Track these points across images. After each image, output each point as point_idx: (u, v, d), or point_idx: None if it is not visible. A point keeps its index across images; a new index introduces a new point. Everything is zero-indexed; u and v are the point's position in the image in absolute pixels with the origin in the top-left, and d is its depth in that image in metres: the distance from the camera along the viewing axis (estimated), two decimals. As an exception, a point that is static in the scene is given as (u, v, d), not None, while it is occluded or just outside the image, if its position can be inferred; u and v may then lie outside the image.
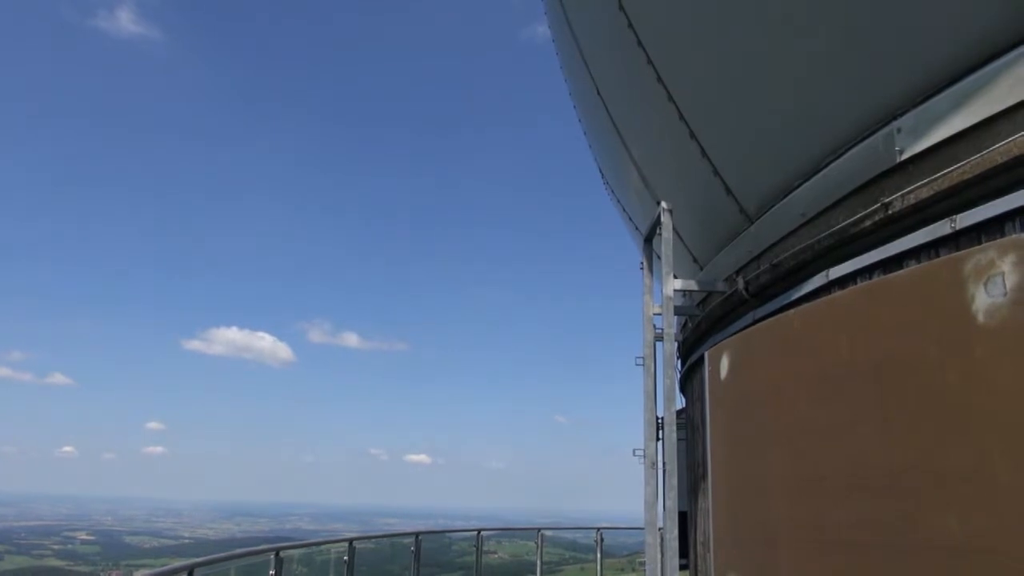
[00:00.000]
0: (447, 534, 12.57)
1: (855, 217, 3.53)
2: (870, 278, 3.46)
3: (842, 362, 2.92)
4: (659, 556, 5.29)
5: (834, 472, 2.90)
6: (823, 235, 3.79)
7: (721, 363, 3.93)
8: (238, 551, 6.34)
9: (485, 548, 11.17)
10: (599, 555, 12.82)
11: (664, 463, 5.01)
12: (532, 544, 12.61)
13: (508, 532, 14.99)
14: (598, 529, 13.03)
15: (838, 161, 3.82)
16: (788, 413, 3.27)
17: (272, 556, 6.24)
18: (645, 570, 5.21)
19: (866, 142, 3.59)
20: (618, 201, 7.91)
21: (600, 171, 8.20)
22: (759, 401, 3.56)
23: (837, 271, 3.71)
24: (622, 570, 14.53)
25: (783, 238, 4.33)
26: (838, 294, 3.49)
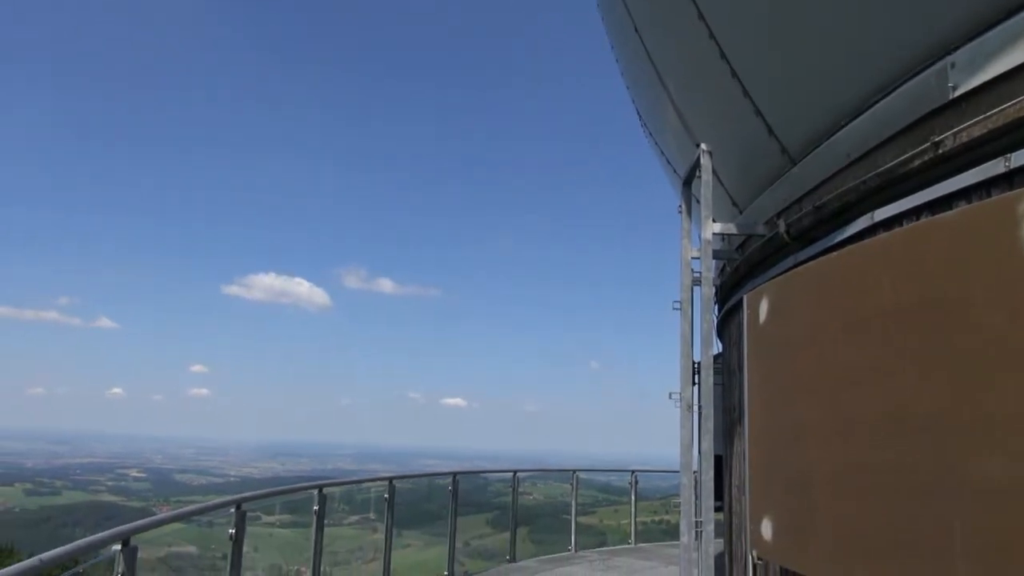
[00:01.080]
0: (483, 475, 12.81)
1: (903, 157, 3.42)
2: (917, 219, 3.37)
3: (885, 305, 2.86)
4: (693, 498, 5.34)
5: (874, 416, 2.88)
6: (869, 176, 3.68)
7: (760, 307, 3.89)
8: (284, 487, 6.56)
9: (520, 489, 11.38)
10: (633, 497, 13.00)
11: (700, 407, 5.02)
12: (566, 486, 12.80)
13: (543, 473, 15.25)
14: (632, 472, 13.18)
15: (887, 99, 3.68)
16: (828, 356, 3.23)
17: (316, 492, 6.45)
18: (680, 511, 5.27)
19: (917, 78, 3.45)
20: (656, 144, 7.77)
21: (638, 114, 8.04)
22: (798, 345, 3.53)
23: (883, 213, 3.61)
24: (655, 512, 14.73)
25: (827, 179, 4.22)
26: (883, 236, 3.41)
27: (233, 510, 4.95)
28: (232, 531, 4.91)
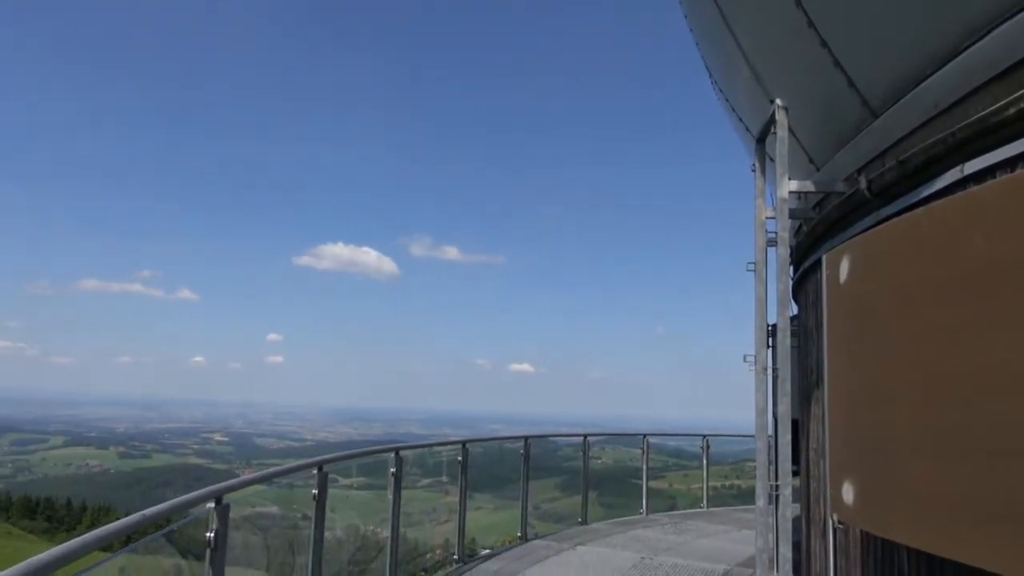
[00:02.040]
0: (553, 439, 12.90)
1: (997, 105, 3.24)
2: (1011, 171, 3.19)
3: (977, 262, 2.74)
4: (768, 462, 5.28)
5: (964, 376, 2.77)
6: (958, 127, 3.50)
7: (840, 266, 3.77)
8: (362, 450, 6.77)
9: (590, 454, 11.44)
10: (705, 462, 12.94)
11: (776, 369, 4.93)
12: (635, 451, 12.83)
13: (613, 438, 15.28)
14: (704, 436, 13.09)
15: (978, 44, 3.48)
16: (914, 316, 3.12)
17: (392, 455, 6.64)
18: (755, 475, 5.22)
19: (1012, 20, 3.25)
20: (727, 101, 7.54)
21: (707, 70, 7.81)
22: (882, 304, 3.41)
23: (973, 165, 3.44)
24: (726, 477, 14.66)
25: (912, 132, 4.03)
26: (974, 189, 3.24)
27: (315, 471, 5.14)
28: (315, 491, 5.10)
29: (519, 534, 9.41)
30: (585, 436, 11.35)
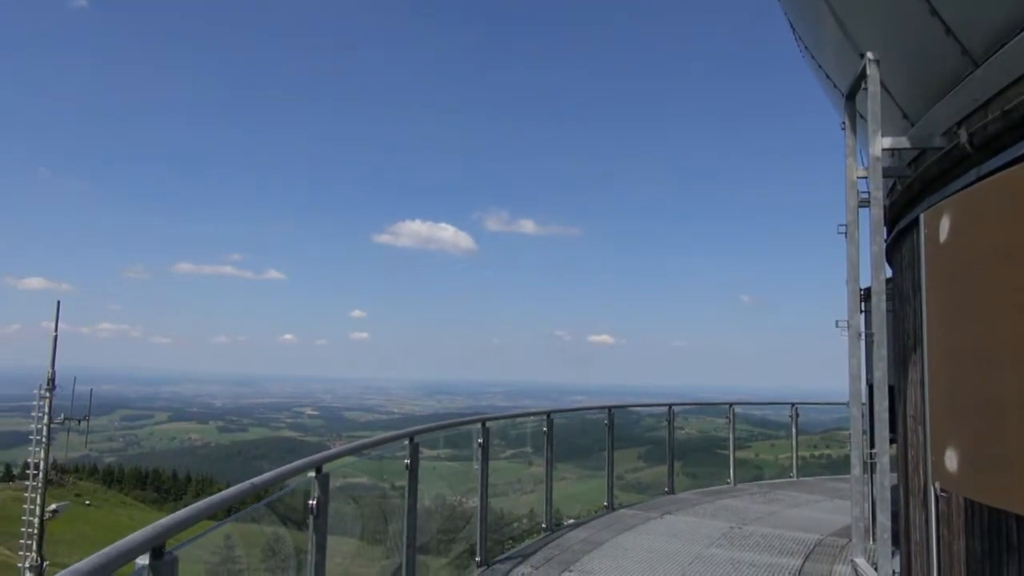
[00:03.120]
0: (635, 410, 12.84)
1: (1116, 46, 3.01)
2: None
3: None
4: (863, 430, 5.13)
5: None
6: (1071, 71, 3.27)
7: (940, 225, 3.60)
8: (451, 421, 6.93)
9: (674, 424, 11.34)
10: (794, 431, 12.66)
11: (870, 334, 4.76)
12: (720, 420, 12.66)
13: (696, 408, 15.11)
14: (792, 404, 12.80)
15: (1094, -20, 3.23)
16: (1021, 276, 2.96)
17: (479, 425, 6.77)
18: (850, 444, 5.08)
19: None
20: (813, 59, 7.24)
21: (791, 25, 7.51)
22: (986, 264, 3.25)
23: (1088, 112, 3.21)
24: (815, 446, 14.32)
25: (1017, 80, 3.79)
26: (1090, 138, 3.03)
27: (407, 442, 5.30)
28: (407, 461, 5.27)
29: (605, 503, 9.45)
30: (670, 406, 11.26)
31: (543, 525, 8.07)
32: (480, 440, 6.76)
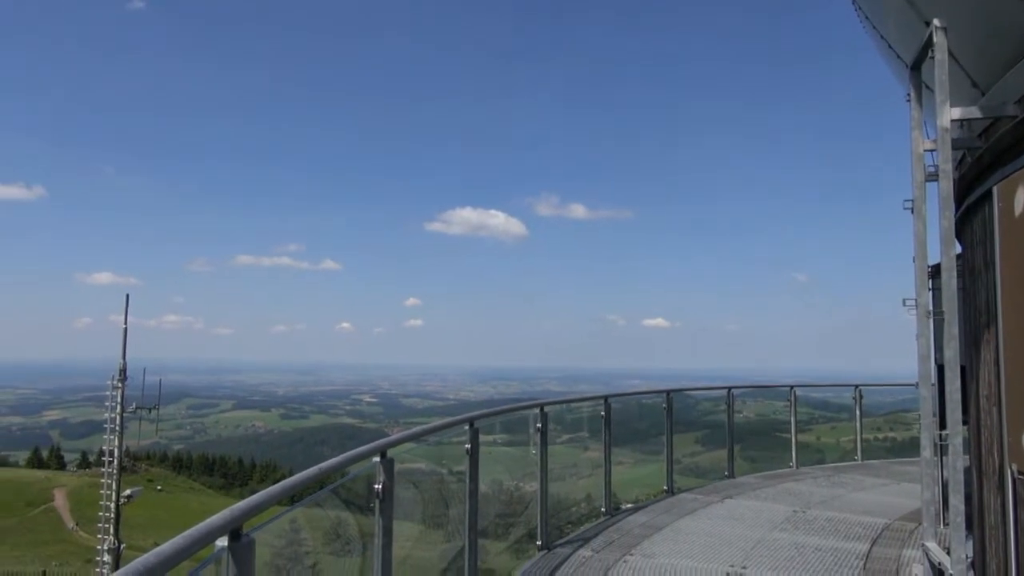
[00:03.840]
0: (691, 393, 12.68)
1: None
2: None
3: None
4: (932, 411, 4.98)
5: None
6: None
7: (1016, 197, 3.46)
8: (510, 406, 6.97)
9: (727, 408, 11.15)
10: (858, 413, 12.37)
11: (940, 313, 4.61)
12: (778, 403, 12.45)
13: (754, 391, 14.87)
14: (856, 386, 12.50)
15: None
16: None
17: (538, 410, 6.80)
18: (920, 425, 4.94)
19: None
20: (874, 28, 7.00)
21: (850, -3, 7.26)
22: (1067, 237, 3.11)
23: None
24: (879, 429, 13.98)
25: (1099, 42, 3.61)
26: None
27: (467, 427, 5.36)
28: (468, 446, 5.32)
29: (664, 488, 9.40)
30: (729, 389, 11.11)
31: (602, 509, 8.07)
32: (539, 425, 6.79)
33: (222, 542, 2.19)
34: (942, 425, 4.96)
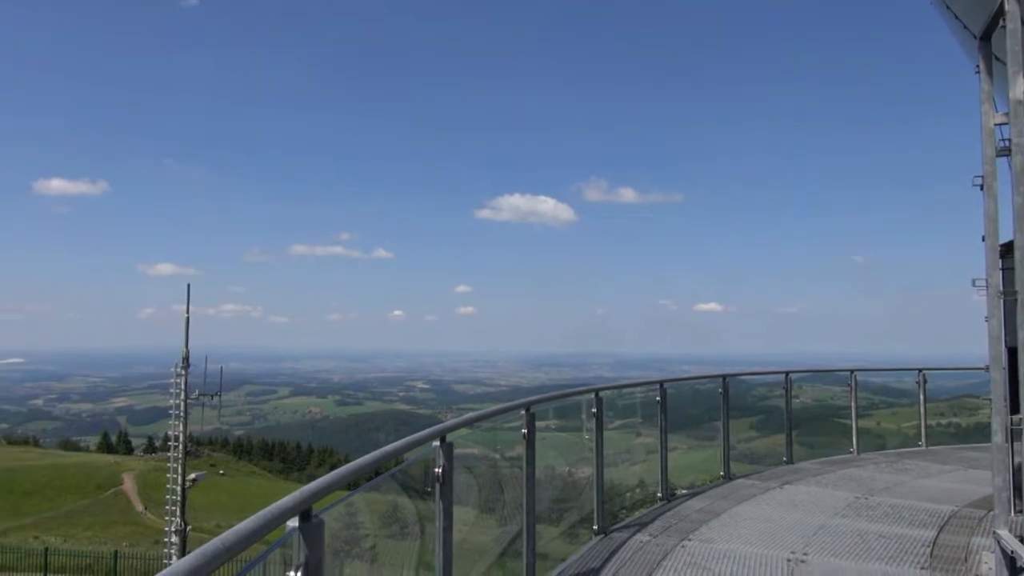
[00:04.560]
0: (745, 378, 12.46)
1: None
2: None
3: None
4: (1003, 395, 4.81)
5: None
6: None
7: (1097, 171, 3.31)
8: (565, 391, 6.98)
9: (783, 393, 10.94)
10: (922, 398, 12.03)
11: (1013, 293, 4.44)
12: (836, 388, 12.18)
13: (810, 376, 14.55)
14: (920, 370, 12.15)
15: None
16: None
17: (593, 395, 6.79)
18: (992, 410, 4.78)
19: None
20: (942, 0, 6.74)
21: (913, -34, 7.01)
22: None
23: None
24: (942, 414, 13.58)
25: None
26: None
27: (523, 412, 5.38)
28: (524, 431, 5.34)
29: (721, 473, 9.31)
30: (787, 373, 10.91)
31: (658, 495, 8.04)
32: (594, 410, 6.79)
33: (293, 523, 2.25)
34: (1014, 409, 4.80)
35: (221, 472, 65.06)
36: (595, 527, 6.68)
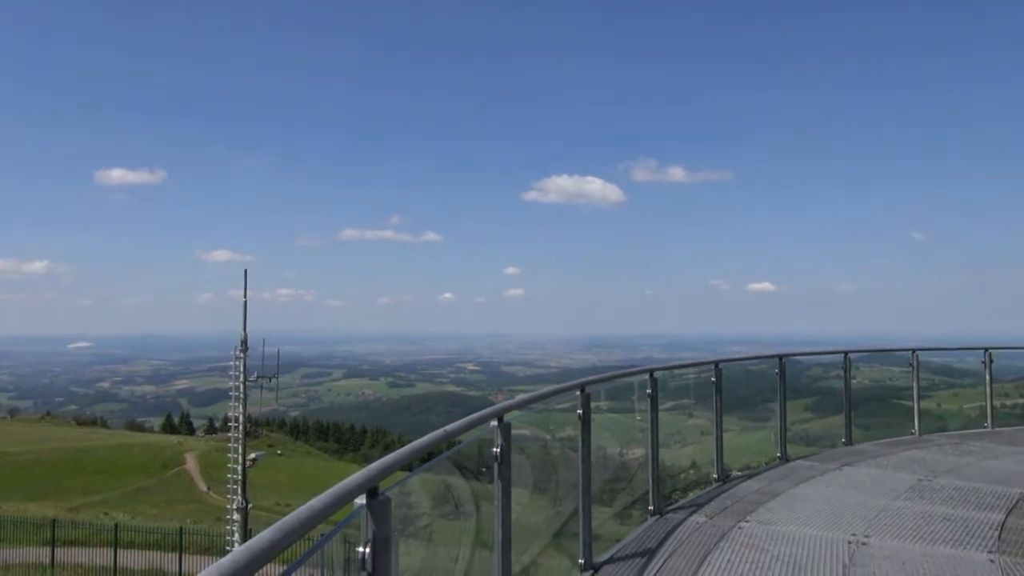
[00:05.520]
0: (799, 359, 12.20)
1: None
2: None
3: None
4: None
5: None
6: None
7: None
8: (620, 372, 6.95)
9: (841, 373, 10.71)
10: (988, 377, 11.67)
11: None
12: (894, 368, 11.91)
13: (868, 356, 14.21)
14: (986, 350, 11.78)
15: None
16: None
17: (647, 376, 6.76)
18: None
19: None
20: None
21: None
22: None
23: None
24: (1007, 395, 13.18)
25: None
26: None
27: (579, 393, 5.39)
28: (580, 412, 5.35)
29: (778, 454, 9.19)
30: (846, 353, 10.68)
31: (714, 476, 7.98)
32: (648, 391, 6.76)
33: (360, 500, 2.30)
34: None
35: (279, 452, 66.84)
36: (650, 507, 6.68)
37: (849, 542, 5.76)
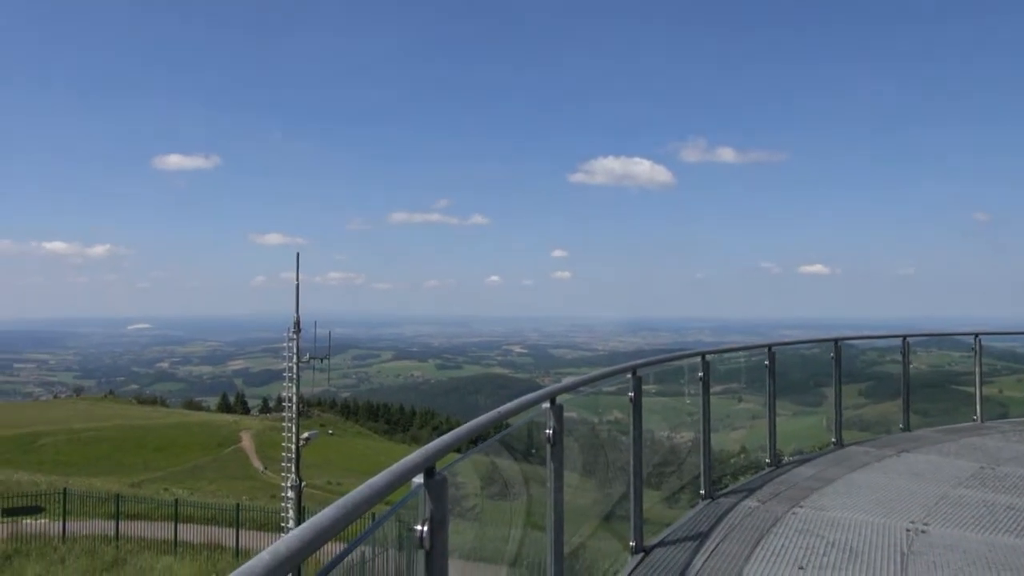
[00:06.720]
0: (853, 343, 11.88)
1: None
2: None
3: None
4: None
5: None
6: None
7: None
8: (672, 355, 6.91)
9: (897, 358, 10.40)
10: (1055, 362, 11.24)
11: None
12: (953, 353, 11.55)
13: (927, 340, 13.78)
14: (1055, 334, 11.34)
15: None
16: None
17: (699, 359, 6.70)
18: None
19: None
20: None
21: None
22: None
23: None
24: (1087, 383, 12.73)
25: None
26: None
27: (630, 376, 5.36)
28: (631, 395, 5.33)
29: (832, 440, 9.03)
30: (904, 337, 10.39)
31: (767, 460, 7.88)
32: (700, 374, 6.69)
33: (418, 479, 2.34)
34: None
35: (330, 432, 68.14)
36: (701, 491, 6.63)
37: (908, 530, 5.64)
